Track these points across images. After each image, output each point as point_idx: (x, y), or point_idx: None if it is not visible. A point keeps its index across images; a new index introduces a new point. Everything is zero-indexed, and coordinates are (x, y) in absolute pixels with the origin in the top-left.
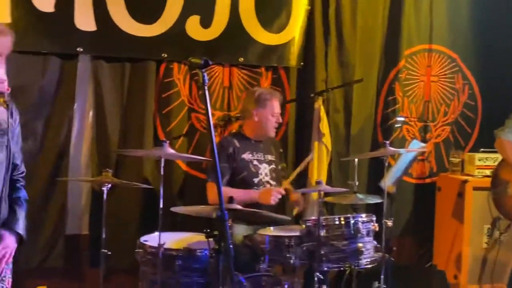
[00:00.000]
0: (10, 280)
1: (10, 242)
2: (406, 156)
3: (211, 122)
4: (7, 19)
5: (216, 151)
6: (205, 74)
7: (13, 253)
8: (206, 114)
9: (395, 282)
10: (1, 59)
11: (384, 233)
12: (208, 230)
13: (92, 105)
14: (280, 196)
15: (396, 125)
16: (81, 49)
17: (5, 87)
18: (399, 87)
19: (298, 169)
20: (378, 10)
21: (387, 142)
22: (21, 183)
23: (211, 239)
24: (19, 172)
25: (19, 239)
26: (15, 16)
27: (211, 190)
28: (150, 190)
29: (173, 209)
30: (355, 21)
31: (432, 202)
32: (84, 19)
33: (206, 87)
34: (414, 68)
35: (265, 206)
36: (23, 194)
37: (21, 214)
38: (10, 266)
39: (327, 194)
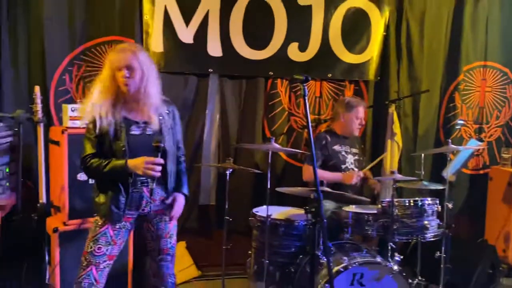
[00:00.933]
0: (175, 238)
1: (182, 201)
2: (465, 152)
3: (310, 122)
4: (160, 49)
5: (313, 142)
6: (306, 87)
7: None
8: (306, 116)
9: (453, 252)
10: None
11: (445, 213)
12: (307, 207)
13: (218, 111)
14: (360, 178)
15: (456, 127)
16: (212, 70)
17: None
18: (458, 96)
19: (375, 162)
20: (441, 35)
21: (449, 140)
22: (182, 159)
23: (309, 214)
24: (181, 153)
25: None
26: (166, 46)
27: (306, 171)
28: (260, 174)
29: (277, 189)
30: (422, 44)
31: (485, 189)
32: (214, 48)
33: (306, 97)
34: (471, 81)
35: (350, 189)
36: (183, 166)
37: (185, 180)
38: (176, 227)
39: (397, 181)
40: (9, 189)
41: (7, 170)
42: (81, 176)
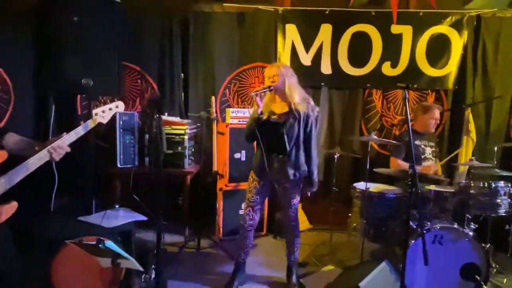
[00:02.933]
0: (298, 198)
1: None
2: None
3: (409, 117)
4: None
5: (411, 136)
6: (406, 92)
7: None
8: (406, 113)
9: None
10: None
11: None
12: (406, 180)
13: (327, 113)
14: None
15: None
16: (323, 84)
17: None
18: None
19: (451, 156)
20: None
21: None
22: (309, 150)
23: (406, 186)
24: (310, 144)
25: None
26: (291, 68)
27: (392, 162)
28: (358, 158)
29: (375, 169)
30: (497, 59)
31: None
32: (326, 68)
33: (407, 100)
34: None
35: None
36: (312, 157)
37: (313, 169)
38: (299, 190)
39: (475, 167)
40: (193, 162)
41: (193, 149)
42: (237, 155)
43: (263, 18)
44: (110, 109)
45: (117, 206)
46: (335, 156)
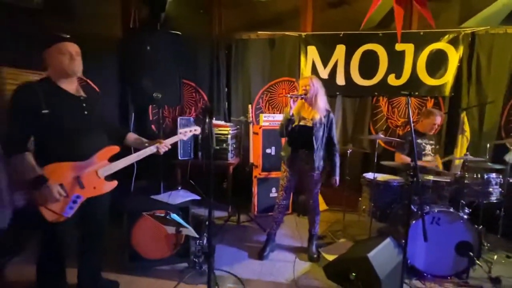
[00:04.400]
0: (318, 186)
1: (336, 181)
2: None
3: (411, 119)
4: None
5: (413, 136)
6: (409, 99)
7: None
8: (408, 117)
9: (509, 212)
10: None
11: (506, 185)
12: (408, 171)
13: (341, 117)
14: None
15: None
16: (338, 93)
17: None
18: None
19: (447, 158)
20: (506, 62)
21: None
22: (335, 153)
23: (409, 176)
24: (335, 147)
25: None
26: None
27: (397, 157)
28: (367, 153)
29: (382, 162)
30: (490, 70)
31: None
32: (340, 80)
33: (409, 106)
34: None
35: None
36: (336, 157)
37: (336, 168)
38: (318, 179)
39: (469, 161)
40: (235, 155)
41: (234, 146)
42: (268, 150)
43: (289, 42)
44: (190, 131)
45: (179, 188)
46: (348, 152)
